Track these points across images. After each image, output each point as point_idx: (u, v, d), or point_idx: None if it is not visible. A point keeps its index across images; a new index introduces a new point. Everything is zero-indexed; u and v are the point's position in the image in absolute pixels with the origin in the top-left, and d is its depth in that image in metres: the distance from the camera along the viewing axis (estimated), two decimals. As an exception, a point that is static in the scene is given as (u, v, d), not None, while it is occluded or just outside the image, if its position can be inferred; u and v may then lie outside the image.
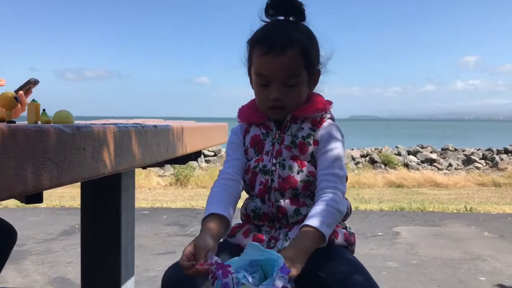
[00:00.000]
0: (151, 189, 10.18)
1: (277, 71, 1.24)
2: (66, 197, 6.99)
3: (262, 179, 1.29)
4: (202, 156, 14.10)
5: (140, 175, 10.92)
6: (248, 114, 1.38)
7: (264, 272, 1.01)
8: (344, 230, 1.32)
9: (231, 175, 1.32)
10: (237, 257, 1.05)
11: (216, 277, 0.99)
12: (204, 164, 13.46)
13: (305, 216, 1.23)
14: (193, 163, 12.40)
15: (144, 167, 1.97)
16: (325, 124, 1.32)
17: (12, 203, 6.13)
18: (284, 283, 0.96)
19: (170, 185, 10.93)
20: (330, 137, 1.29)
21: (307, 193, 1.28)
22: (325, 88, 1.38)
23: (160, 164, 1.77)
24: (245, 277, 0.98)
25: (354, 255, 1.29)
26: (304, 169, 1.27)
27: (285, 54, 1.22)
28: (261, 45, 1.26)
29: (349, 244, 1.31)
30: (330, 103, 1.35)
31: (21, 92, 1.63)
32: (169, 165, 12.32)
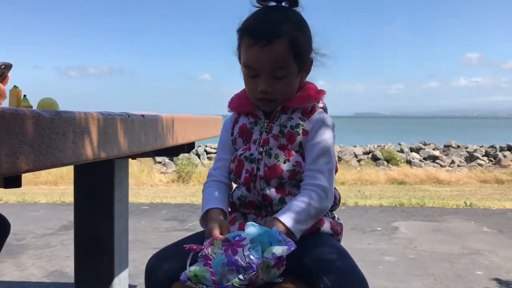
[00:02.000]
0: (153, 185, 10.22)
1: (264, 63, 1.22)
2: (68, 193, 7.02)
3: (248, 167, 1.29)
4: (205, 153, 14.12)
5: (142, 172, 10.96)
6: (237, 103, 1.38)
7: (262, 246, 1.04)
8: (331, 219, 1.31)
9: (217, 177, 1.36)
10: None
11: (208, 259, 1.03)
12: (206, 161, 13.48)
13: None
14: (195, 160, 12.42)
15: (133, 158, 1.97)
16: (316, 114, 1.30)
17: (13, 198, 6.16)
18: (286, 246, 1.03)
19: (172, 181, 10.96)
20: (319, 129, 1.28)
21: (293, 183, 1.27)
22: (329, 85, 1.37)
23: (149, 154, 1.78)
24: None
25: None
26: (291, 158, 1.26)
27: (271, 47, 1.19)
28: (248, 36, 1.23)
29: (335, 233, 1.30)
30: (322, 92, 1.33)
31: None
32: (172, 162, 12.36)
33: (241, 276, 0.99)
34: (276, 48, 1.20)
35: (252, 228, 1.08)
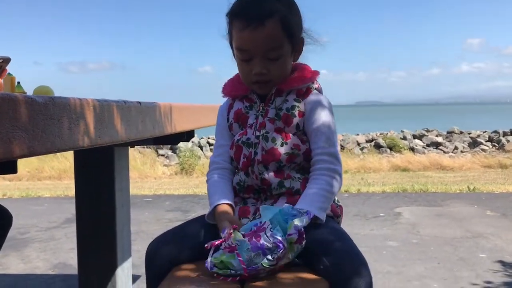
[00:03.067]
0: (156, 178, 10.23)
1: (257, 45, 1.21)
2: (72, 187, 7.03)
3: (246, 152, 1.28)
4: (207, 145, 14.13)
5: (145, 165, 10.97)
6: (231, 87, 1.37)
7: (280, 226, 1.07)
8: (332, 202, 1.31)
9: (220, 164, 1.35)
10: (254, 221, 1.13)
11: (234, 247, 1.04)
12: (209, 153, 13.48)
13: (288, 189, 1.24)
14: (197, 151, 12.44)
15: (131, 145, 1.97)
16: (312, 95, 1.30)
17: (16, 193, 6.19)
18: (305, 216, 1.07)
19: (176, 174, 10.97)
20: (317, 110, 1.28)
21: (291, 166, 1.27)
22: (330, 74, 1.36)
23: (148, 142, 1.78)
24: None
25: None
26: (289, 141, 1.26)
27: (264, 27, 1.19)
28: (239, 18, 1.22)
29: (336, 215, 1.31)
30: (316, 73, 1.33)
31: None
32: (174, 155, 12.38)
33: (269, 257, 1.02)
34: (269, 28, 1.20)
35: (266, 212, 1.09)
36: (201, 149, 13.52)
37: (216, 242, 1.08)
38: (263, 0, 1.23)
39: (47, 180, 9.52)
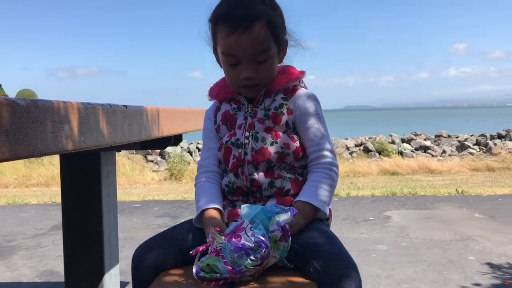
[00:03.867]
0: (145, 184, 10.16)
1: (245, 49, 1.20)
2: (60, 194, 6.96)
3: (235, 152, 1.27)
4: (197, 150, 14.08)
5: (134, 171, 10.90)
6: (218, 90, 1.36)
7: (263, 224, 1.06)
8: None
9: (208, 167, 1.34)
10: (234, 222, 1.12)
11: (219, 250, 1.03)
12: (198, 158, 13.44)
13: (279, 189, 1.23)
14: (187, 157, 12.39)
15: (118, 150, 1.95)
16: (300, 92, 1.30)
17: (3, 201, 6.10)
18: (287, 212, 1.06)
19: (165, 180, 10.91)
20: (310, 110, 1.28)
21: (282, 165, 1.26)
22: (318, 79, 1.36)
23: (135, 147, 1.75)
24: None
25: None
26: (279, 140, 1.25)
27: (251, 31, 1.18)
28: (224, 23, 1.20)
29: (325, 218, 1.30)
30: (303, 72, 1.34)
31: None
32: (163, 160, 12.32)
33: (252, 257, 1.00)
34: (256, 32, 1.18)
35: (247, 210, 1.09)
36: (191, 155, 13.48)
37: (201, 248, 1.07)
38: (247, 2, 1.20)
39: (35, 187, 9.41)
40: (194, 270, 1.05)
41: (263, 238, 1.00)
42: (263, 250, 1.00)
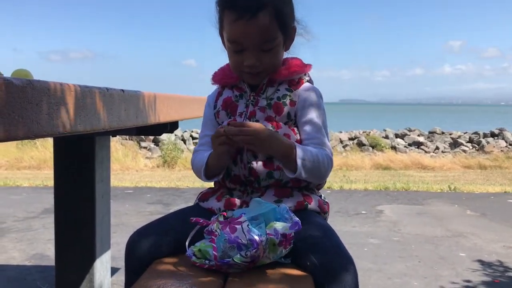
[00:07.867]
0: (138, 170, 10.13)
1: (250, 38, 1.18)
2: (51, 177, 6.91)
3: None
4: (191, 138, 14.04)
5: (127, 157, 10.86)
6: (221, 75, 1.35)
7: (266, 223, 1.05)
8: (319, 197, 1.30)
9: (204, 152, 1.32)
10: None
11: (213, 235, 1.03)
12: (192, 146, 13.40)
13: (277, 180, 1.21)
14: (180, 145, 12.35)
15: (113, 134, 1.92)
16: (305, 86, 1.29)
17: (-6, 182, 6.06)
18: (289, 224, 1.04)
19: (158, 167, 10.88)
20: (312, 104, 1.27)
21: None
22: (313, 71, 1.34)
23: (131, 132, 1.73)
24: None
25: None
26: (279, 131, 1.23)
27: (258, 19, 1.16)
28: (231, 9, 1.18)
29: (322, 211, 1.29)
30: (309, 65, 1.32)
31: None
32: (157, 147, 12.28)
33: (242, 253, 0.99)
34: (262, 20, 1.17)
35: (256, 204, 1.07)
36: (184, 143, 13.43)
37: (201, 220, 1.08)
38: None
39: (26, 170, 9.36)
40: (187, 252, 1.07)
41: (257, 238, 0.98)
42: (254, 250, 0.98)
